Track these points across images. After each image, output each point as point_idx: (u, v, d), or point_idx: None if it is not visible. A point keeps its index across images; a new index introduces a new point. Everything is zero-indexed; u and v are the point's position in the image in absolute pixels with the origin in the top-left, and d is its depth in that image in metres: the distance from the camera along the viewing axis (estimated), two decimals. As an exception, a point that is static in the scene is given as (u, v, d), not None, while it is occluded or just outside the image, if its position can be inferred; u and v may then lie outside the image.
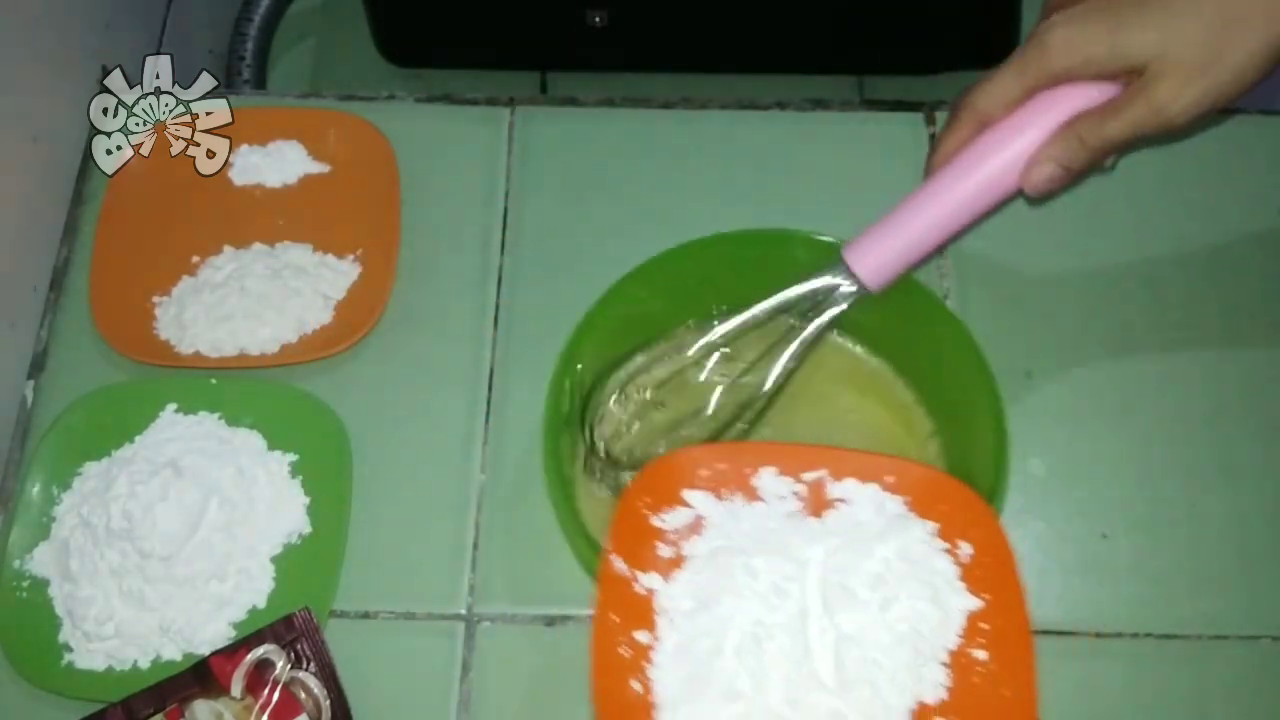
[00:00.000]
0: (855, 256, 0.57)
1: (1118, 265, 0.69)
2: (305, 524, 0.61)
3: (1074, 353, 0.67)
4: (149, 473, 0.60)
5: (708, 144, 0.73)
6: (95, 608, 0.58)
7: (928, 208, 0.55)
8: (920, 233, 0.55)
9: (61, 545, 0.60)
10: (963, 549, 0.51)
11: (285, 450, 0.63)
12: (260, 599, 0.60)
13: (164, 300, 0.68)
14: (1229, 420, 0.65)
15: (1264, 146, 0.72)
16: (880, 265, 0.56)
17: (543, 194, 0.72)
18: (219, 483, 0.61)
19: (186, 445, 0.62)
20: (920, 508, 0.52)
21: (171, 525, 0.59)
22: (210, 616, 0.59)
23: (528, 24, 0.92)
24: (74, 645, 0.58)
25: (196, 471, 0.61)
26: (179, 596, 0.58)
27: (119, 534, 0.59)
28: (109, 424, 0.64)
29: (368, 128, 0.71)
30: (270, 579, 0.60)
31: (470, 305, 0.68)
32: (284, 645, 0.57)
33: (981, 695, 0.49)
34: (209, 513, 0.60)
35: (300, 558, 0.61)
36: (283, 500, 0.62)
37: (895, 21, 0.91)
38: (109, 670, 0.58)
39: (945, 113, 0.73)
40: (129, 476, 0.60)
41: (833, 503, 0.53)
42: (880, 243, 0.56)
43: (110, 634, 0.58)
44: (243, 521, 0.60)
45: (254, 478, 0.62)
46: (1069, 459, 0.64)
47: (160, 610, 0.58)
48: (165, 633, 0.58)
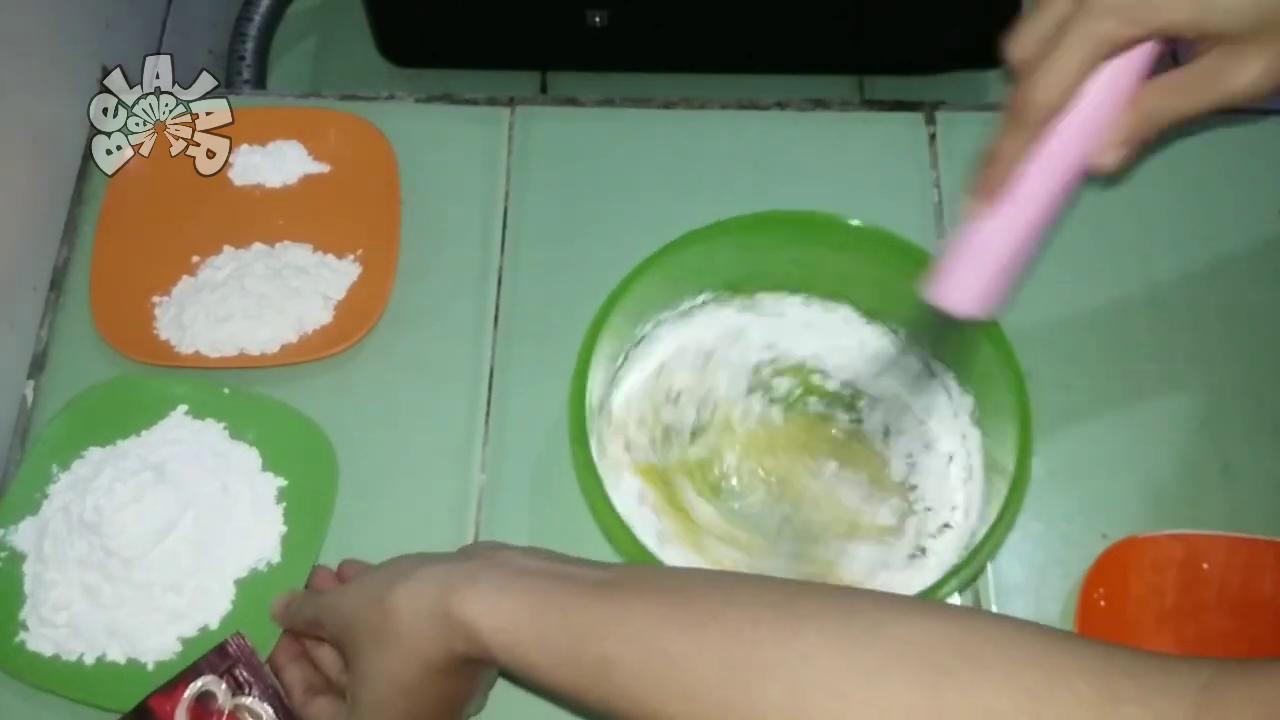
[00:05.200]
0: (949, 293, 0.53)
1: (1118, 265, 0.69)
2: (277, 553, 0.61)
3: (1074, 353, 0.67)
4: (131, 472, 0.60)
5: (708, 144, 0.73)
6: (55, 593, 0.58)
7: (1015, 225, 0.51)
8: (1013, 251, 0.52)
9: (43, 525, 0.60)
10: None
11: (277, 474, 0.63)
12: (214, 619, 0.59)
13: (164, 300, 0.68)
14: (1229, 420, 0.65)
15: (1264, 146, 0.72)
16: (978, 295, 0.53)
17: (543, 194, 0.72)
18: (200, 496, 0.60)
19: (183, 450, 0.62)
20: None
21: (140, 529, 0.58)
22: (160, 628, 0.58)
23: (528, 24, 0.92)
24: (29, 625, 0.58)
25: (181, 480, 0.61)
26: (133, 601, 0.58)
27: (90, 526, 0.59)
28: (120, 413, 0.64)
29: (368, 128, 0.71)
30: (229, 601, 0.59)
31: (470, 305, 0.68)
32: (221, 674, 0.56)
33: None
34: (181, 524, 0.59)
35: (263, 585, 0.60)
36: (261, 525, 0.61)
37: (895, 21, 0.91)
38: (55, 658, 0.58)
39: (945, 113, 0.74)
40: (114, 471, 0.60)
41: None
42: (974, 274, 0.53)
43: (63, 623, 0.58)
44: (215, 540, 0.60)
45: (238, 497, 0.61)
46: (1069, 459, 0.64)
47: (112, 611, 0.58)
48: (112, 634, 0.58)
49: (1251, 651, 0.58)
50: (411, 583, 0.48)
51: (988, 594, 0.61)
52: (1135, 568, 0.59)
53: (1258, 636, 0.58)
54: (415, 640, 0.47)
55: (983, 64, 0.93)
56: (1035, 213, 0.51)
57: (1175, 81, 0.49)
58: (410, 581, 0.48)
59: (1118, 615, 0.58)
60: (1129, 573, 0.59)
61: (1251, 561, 0.59)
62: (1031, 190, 0.51)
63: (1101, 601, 0.58)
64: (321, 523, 0.61)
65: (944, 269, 0.54)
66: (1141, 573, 0.59)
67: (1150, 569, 0.59)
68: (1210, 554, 0.59)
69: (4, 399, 0.65)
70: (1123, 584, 0.58)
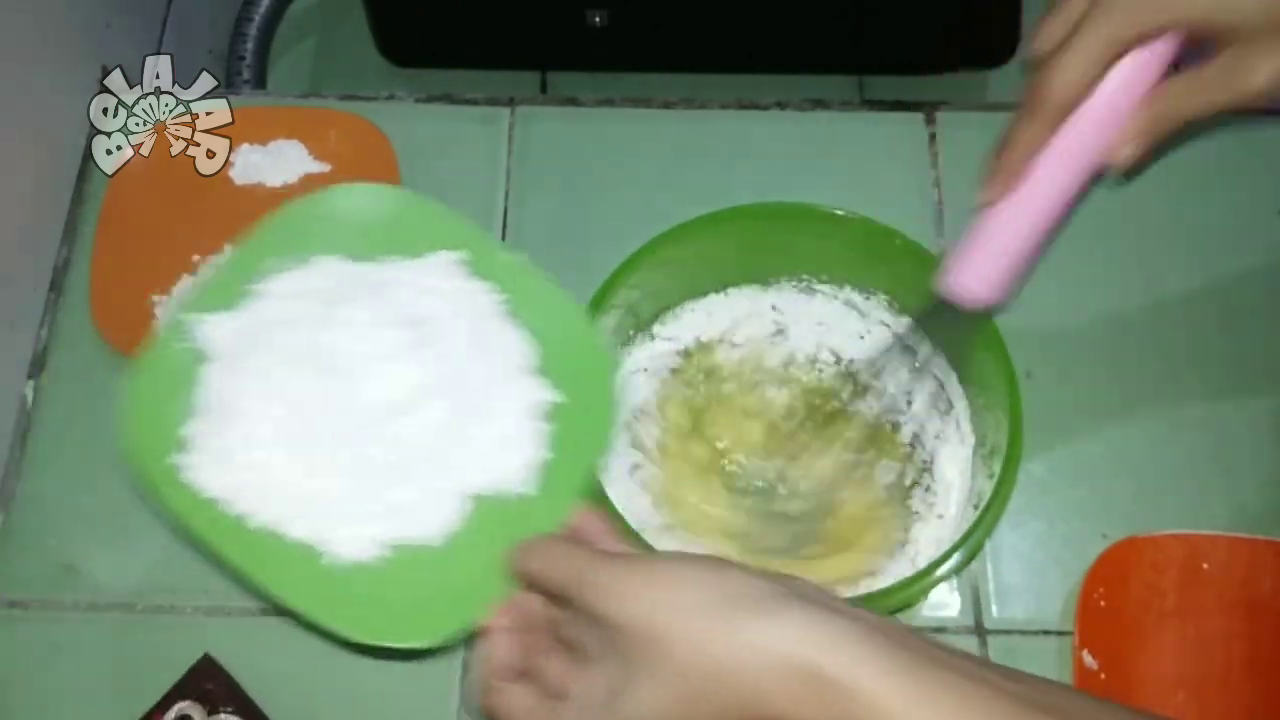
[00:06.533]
0: (964, 280, 0.54)
1: (1117, 265, 0.69)
2: (532, 482, 0.49)
3: (1074, 353, 0.67)
4: (390, 321, 0.48)
5: (708, 144, 0.73)
6: (245, 425, 0.47)
7: (1030, 212, 0.52)
8: (1027, 238, 0.53)
9: (246, 331, 0.48)
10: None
11: (550, 384, 0.50)
12: (437, 535, 0.47)
13: (164, 300, 0.68)
14: (1229, 421, 0.65)
15: (1264, 146, 0.72)
16: (994, 281, 0.54)
17: (543, 194, 0.72)
18: (462, 380, 0.48)
19: (450, 313, 0.50)
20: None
21: (383, 394, 0.47)
22: (365, 520, 0.46)
23: (528, 24, 0.92)
24: (195, 447, 0.47)
25: (445, 353, 0.49)
26: (348, 476, 0.47)
27: (320, 366, 0.47)
28: (374, 223, 0.52)
29: (368, 128, 0.71)
30: (460, 519, 0.47)
31: (470, 305, 0.68)
32: (196, 697, 0.55)
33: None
34: (432, 408, 0.47)
35: (504, 515, 0.47)
36: (520, 442, 0.49)
37: (895, 21, 0.91)
38: (212, 503, 0.46)
39: (945, 113, 0.74)
40: (368, 309, 0.48)
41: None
42: (989, 260, 0.53)
43: (241, 464, 0.46)
44: (462, 441, 0.48)
45: (502, 395, 0.49)
46: (1069, 459, 0.64)
47: (317, 479, 0.46)
48: (304, 505, 0.46)
49: (1251, 652, 0.58)
50: (768, 621, 0.39)
51: (988, 594, 0.61)
52: (1135, 568, 0.59)
53: (1258, 636, 0.58)
54: (758, 693, 0.38)
55: (983, 64, 0.93)
56: (1047, 204, 0.52)
57: (1190, 80, 0.50)
58: (767, 619, 0.39)
59: (1118, 615, 0.58)
60: (1129, 573, 0.59)
61: (1251, 561, 0.59)
62: (1045, 182, 0.51)
63: (1101, 601, 0.58)
64: (592, 459, 0.50)
65: (954, 258, 0.54)
66: (1141, 573, 0.59)
67: (1150, 569, 0.59)
68: (1210, 554, 0.59)
69: (4, 399, 0.65)
70: (1123, 584, 0.59)
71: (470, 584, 0.46)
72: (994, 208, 0.53)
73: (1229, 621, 0.58)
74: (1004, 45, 0.91)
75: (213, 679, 0.56)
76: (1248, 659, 0.58)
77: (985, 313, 0.56)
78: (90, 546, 0.62)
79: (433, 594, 0.47)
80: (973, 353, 0.60)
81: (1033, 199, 0.52)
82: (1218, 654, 0.58)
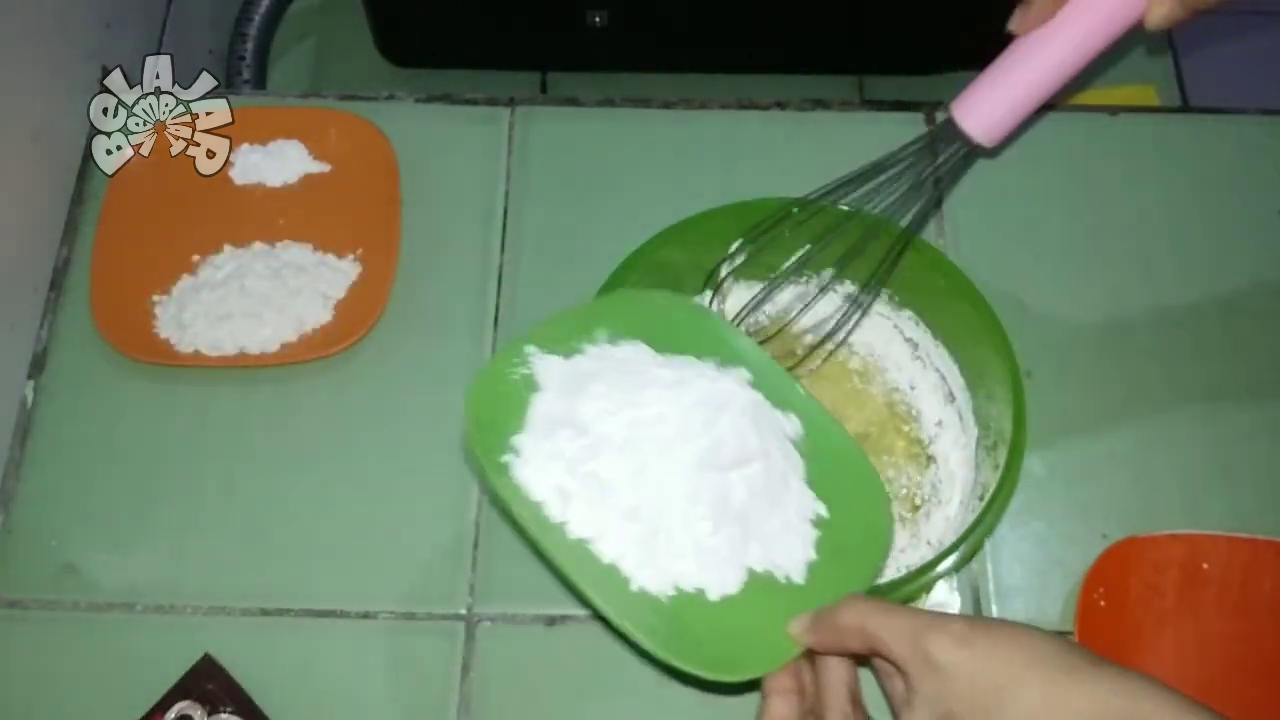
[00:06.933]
0: (964, 111, 0.55)
1: (1118, 265, 0.69)
2: (800, 574, 0.52)
3: (1074, 353, 0.67)
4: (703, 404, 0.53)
5: (708, 144, 0.73)
6: (575, 446, 0.51)
7: (1048, 50, 0.53)
8: (1039, 78, 0.53)
9: (574, 377, 0.54)
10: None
11: (817, 495, 0.55)
12: (715, 590, 0.51)
13: (164, 300, 0.68)
14: (1229, 421, 0.65)
15: (1264, 146, 0.72)
16: (995, 118, 0.54)
17: (543, 194, 0.72)
18: (757, 458, 0.53)
19: (747, 407, 0.54)
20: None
21: (721, 447, 0.52)
22: (656, 560, 0.50)
23: (528, 24, 0.92)
24: (522, 450, 0.51)
25: (749, 435, 0.53)
26: (667, 516, 0.51)
27: (649, 420, 0.51)
28: (686, 328, 0.57)
29: (368, 127, 0.72)
30: (738, 585, 0.51)
31: (470, 305, 0.68)
32: (196, 697, 0.56)
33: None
34: (754, 469, 0.52)
35: (776, 592, 0.51)
36: (791, 536, 0.53)
37: (895, 21, 0.91)
38: (539, 505, 0.51)
39: (945, 113, 0.74)
40: (688, 394, 0.53)
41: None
42: (994, 93, 0.54)
43: (584, 473, 0.51)
44: (751, 513, 0.52)
45: (787, 486, 0.54)
46: (1069, 459, 0.64)
47: (641, 522, 0.50)
48: (620, 528, 0.50)
49: (1251, 652, 0.58)
50: (1096, 679, 0.42)
51: (988, 594, 0.61)
52: (1135, 568, 0.59)
53: (1258, 636, 0.58)
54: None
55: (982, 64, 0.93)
56: (1070, 49, 0.52)
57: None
58: (1094, 676, 0.42)
59: (1118, 615, 0.58)
60: (1129, 573, 0.59)
61: (1251, 561, 0.59)
62: (1073, 27, 0.52)
63: (1101, 601, 0.58)
64: (859, 581, 0.53)
65: (971, 90, 0.55)
66: (1141, 573, 0.59)
67: (1150, 569, 0.59)
68: (1210, 554, 0.59)
69: (4, 399, 0.65)
70: (1123, 584, 0.59)
71: (745, 638, 0.50)
72: (1017, 46, 0.53)
73: (1229, 621, 0.58)
74: (1004, 45, 0.91)
75: (213, 679, 0.57)
76: (1248, 659, 0.58)
77: (983, 151, 0.56)
78: (90, 546, 0.62)
79: (716, 637, 0.50)
80: (975, 346, 0.61)
81: (1056, 41, 0.52)
82: (1218, 654, 0.58)
